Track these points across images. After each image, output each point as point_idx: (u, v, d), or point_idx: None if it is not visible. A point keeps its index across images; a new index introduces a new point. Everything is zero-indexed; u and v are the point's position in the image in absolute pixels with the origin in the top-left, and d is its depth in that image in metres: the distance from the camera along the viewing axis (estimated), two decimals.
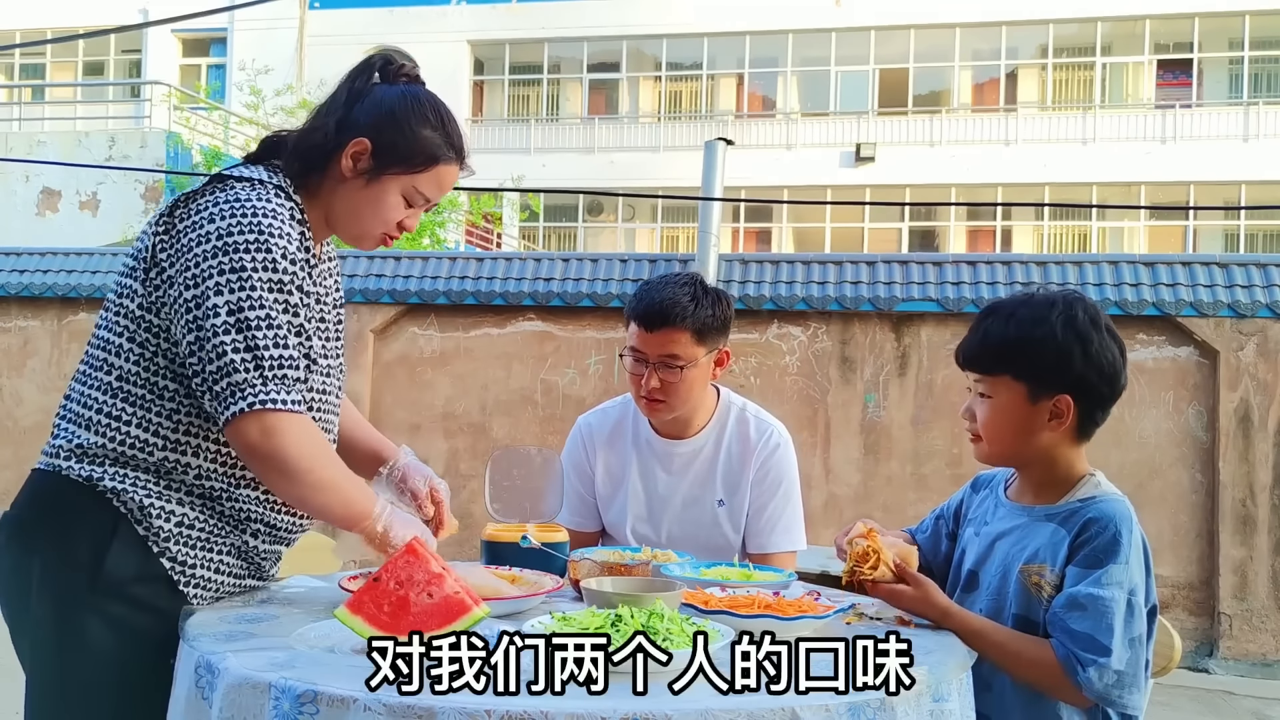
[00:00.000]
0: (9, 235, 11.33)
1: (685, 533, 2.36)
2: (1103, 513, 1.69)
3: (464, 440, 6.89)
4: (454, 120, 1.72)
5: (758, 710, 1.18)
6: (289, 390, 1.51)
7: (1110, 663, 1.59)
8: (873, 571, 1.72)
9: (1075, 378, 1.71)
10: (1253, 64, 18.32)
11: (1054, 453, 1.76)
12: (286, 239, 1.56)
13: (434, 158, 1.67)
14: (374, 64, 1.71)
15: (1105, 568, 1.64)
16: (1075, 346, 1.70)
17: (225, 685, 1.27)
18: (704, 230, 6.41)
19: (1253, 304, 6.03)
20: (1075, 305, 1.73)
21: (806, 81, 19.99)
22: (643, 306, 2.24)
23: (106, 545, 1.55)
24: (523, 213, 18.51)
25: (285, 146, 1.70)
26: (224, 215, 1.55)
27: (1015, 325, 1.73)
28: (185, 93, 16.24)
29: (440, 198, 1.73)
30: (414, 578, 1.40)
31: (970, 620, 1.68)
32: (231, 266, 1.51)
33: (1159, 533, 6.09)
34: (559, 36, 20.29)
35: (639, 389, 2.27)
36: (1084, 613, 1.62)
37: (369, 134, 1.64)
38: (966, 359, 1.80)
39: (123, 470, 1.58)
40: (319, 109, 1.71)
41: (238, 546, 1.66)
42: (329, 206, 1.69)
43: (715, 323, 2.25)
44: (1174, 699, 5.15)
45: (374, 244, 1.73)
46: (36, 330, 7.60)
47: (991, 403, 1.75)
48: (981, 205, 18.58)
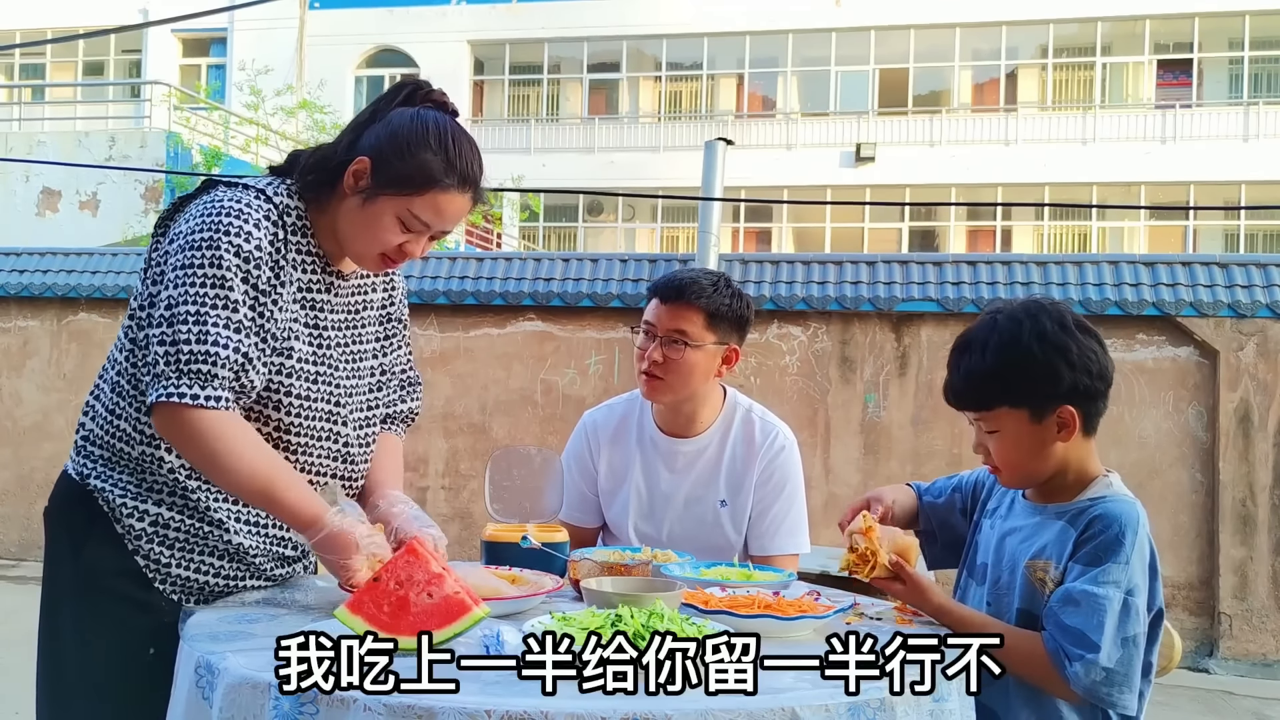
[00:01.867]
0: (9, 235, 11.33)
1: (686, 532, 2.37)
2: (1109, 512, 1.69)
3: (464, 440, 6.88)
4: (465, 148, 1.65)
5: (758, 710, 1.18)
6: (205, 385, 1.51)
7: (1098, 659, 1.59)
8: (871, 573, 1.74)
9: (1068, 387, 1.70)
10: (1253, 64, 18.32)
11: (1068, 458, 1.76)
12: (244, 237, 1.56)
13: (429, 182, 1.62)
14: (403, 88, 1.71)
15: (1104, 565, 1.64)
16: (1057, 359, 1.70)
17: (225, 685, 1.27)
18: (704, 230, 6.40)
19: (1253, 304, 6.03)
20: (1041, 317, 1.72)
21: (806, 81, 19.99)
22: (665, 280, 2.31)
23: (85, 540, 1.64)
24: (523, 213, 18.52)
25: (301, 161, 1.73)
26: (196, 215, 1.60)
27: (992, 356, 1.72)
28: (185, 93, 16.23)
29: (444, 226, 1.67)
30: (414, 578, 1.40)
31: (965, 615, 1.71)
32: (183, 264, 1.55)
33: (1159, 533, 6.07)
34: (559, 36, 20.28)
35: (641, 361, 2.30)
36: (1077, 608, 1.63)
37: (371, 153, 1.63)
38: (958, 400, 1.79)
39: (107, 469, 1.66)
40: (345, 127, 1.73)
41: (223, 548, 1.67)
42: (335, 223, 1.69)
43: (729, 313, 2.28)
44: (1174, 699, 5.15)
45: (375, 265, 1.69)
46: (36, 330, 7.59)
47: (999, 436, 1.75)
48: (981, 205, 18.58)
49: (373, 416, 1.81)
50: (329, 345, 1.72)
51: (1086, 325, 1.76)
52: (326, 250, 1.71)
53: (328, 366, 1.71)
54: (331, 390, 1.71)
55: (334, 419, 1.72)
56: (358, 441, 1.77)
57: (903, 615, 1.77)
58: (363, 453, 1.79)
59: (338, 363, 1.73)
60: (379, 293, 1.83)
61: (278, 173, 1.74)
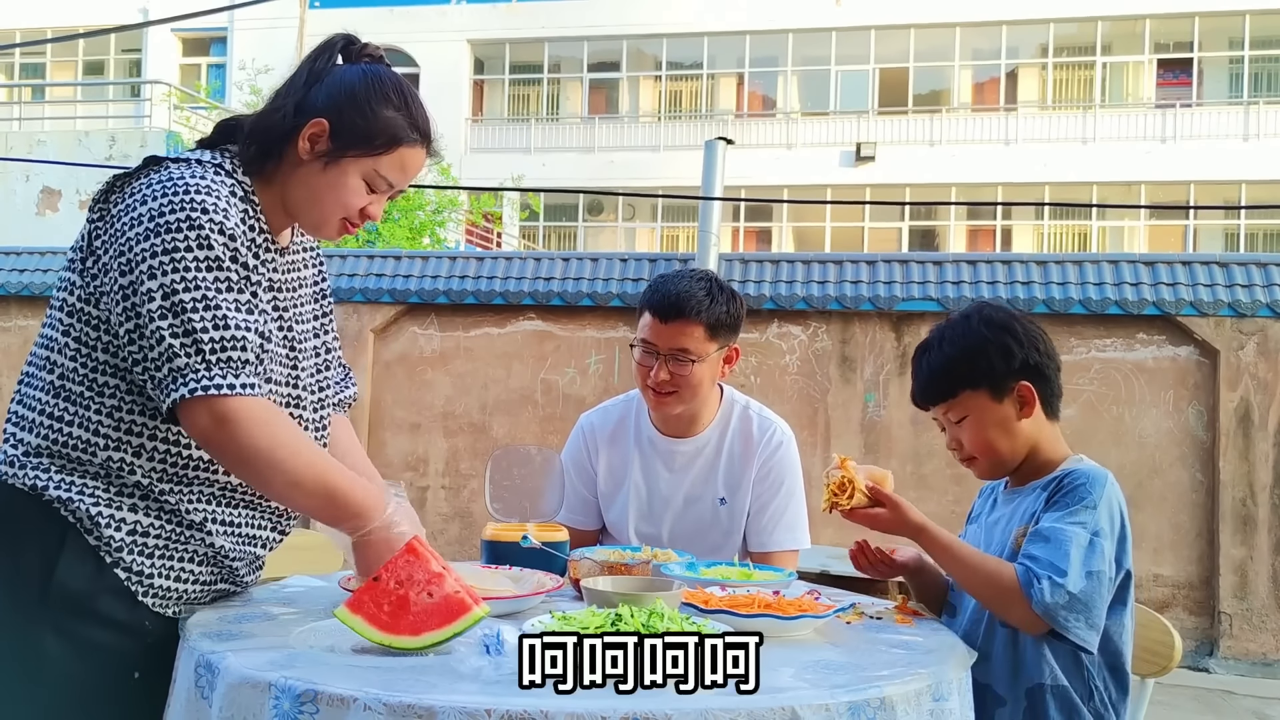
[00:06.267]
0: (9, 235, 11.33)
1: (686, 531, 2.36)
2: (1077, 471, 1.78)
3: (464, 440, 6.88)
4: (418, 101, 1.62)
5: (758, 710, 1.18)
6: (237, 373, 1.42)
7: (1065, 583, 1.63)
8: (850, 501, 1.78)
9: (1021, 362, 1.82)
10: (1253, 63, 18.31)
11: (1037, 440, 1.85)
12: (223, 215, 1.46)
13: (396, 139, 1.57)
14: (335, 44, 1.63)
15: (1071, 508, 1.71)
16: (1005, 337, 1.83)
17: (225, 685, 1.27)
18: (704, 230, 6.40)
19: (1253, 303, 6.03)
20: (985, 308, 1.90)
21: (806, 81, 19.99)
22: (658, 297, 2.24)
23: (55, 558, 1.47)
24: (523, 212, 18.53)
25: (241, 130, 1.61)
26: (155, 195, 1.46)
27: (949, 346, 1.86)
28: (185, 92, 16.24)
29: (405, 183, 1.62)
30: (414, 577, 1.40)
31: (941, 536, 1.76)
32: (164, 248, 1.42)
33: (1159, 532, 6.09)
34: (559, 36, 20.28)
35: (646, 380, 2.27)
36: (1046, 543, 1.68)
37: (328, 114, 1.55)
38: (924, 397, 1.90)
39: (69, 478, 1.50)
40: (278, 91, 1.62)
41: (203, 552, 1.56)
42: (286, 192, 1.59)
43: (728, 319, 2.26)
44: (1174, 699, 5.15)
45: (335, 232, 1.62)
46: (36, 330, 7.59)
47: (967, 421, 1.85)
48: (981, 205, 18.58)
49: (325, 398, 1.73)
50: (288, 325, 1.64)
51: (1030, 316, 1.92)
52: (270, 224, 1.60)
53: (289, 348, 1.63)
54: (290, 372, 1.62)
55: (297, 403, 1.64)
56: (314, 424, 1.69)
57: (903, 615, 1.77)
58: (319, 436, 1.71)
59: (296, 343, 1.65)
60: (311, 268, 1.74)
61: (209, 144, 1.62)
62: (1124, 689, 1.78)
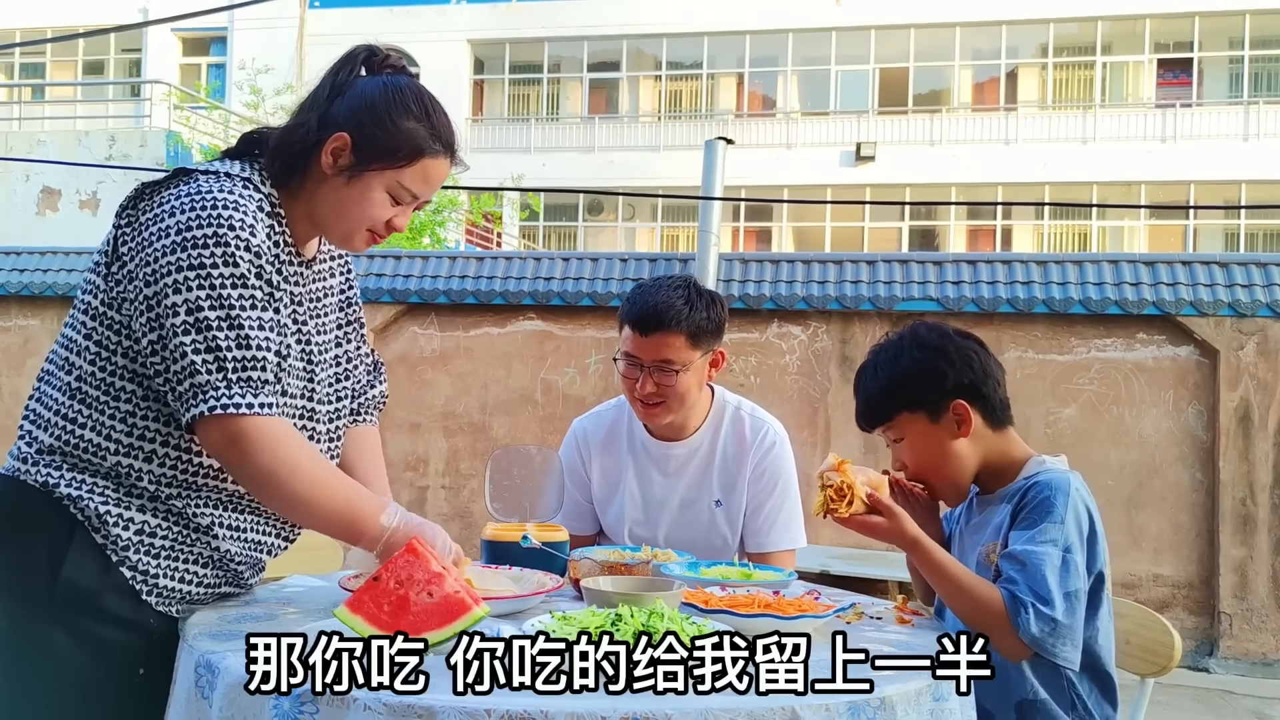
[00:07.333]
0: (9, 235, 11.34)
1: (683, 534, 2.36)
2: (1039, 482, 1.78)
3: (464, 440, 6.88)
4: (441, 111, 1.61)
5: (758, 710, 1.18)
6: (256, 393, 1.43)
7: (1050, 611, 1.64)
8: (849, 508, 1.75)
9: (954, 383, 1.83)
10: (1253, 63, 18.31)
11: (985, 452, 1.86)
12: (250, 231, 1.47)
13: (418, 150, 1.57)
14: (358, 56, 1.62)
15: (1039, 526, 1.71)
16: (935, 359, 1.85)
17: (225, 685, 1.27)
18: (704, 229, 6.40)
19: (1253, 303, 6.03)
20: (918, 329, 1.91)
21: (806, 81, 19.99)
22: (636, 310, 2.22)
23: (63, 554, 1.49)
24: (523, 212, 18.52)
25: (266, 145, 1.62)
26: (184, 209, 1.46)
27: (883, 370, 1.89)
28: (185, 92, 16.23)
29: (430, 194, 1.63)
30: (414, 577, 1.40)
31: (934, 553, 1.76)
32: (190, 263, 1.43)
33: (1159, 532, 6.09)
34: (559, 36, 20.28)
35: (633, 393, 2.27)
36: (1022, 567, 1.68)
37: (349, 128, 1.55)
38: (865, 419, 1.93)
39: (80, 476, 1.52)
40: (301, 105, 1.62)
41: (208, 555, 1.58)
42: (312, 206, 1.60)
43: (710, 325, 2.23)
44: (1174, 699, 5.15)
45: (363, 244, 1.63)
46: (36, 330, 7.59)
47: (906, 441, 1.89)
48: (981, 205, 18.58)
49: (341, 409, 1.73)
50: (308, 338, 1.64)
51: (967, 333, 1.92)
52: (295, 236, 1.62)
53: (307, 360, 1.64)
54: (305, 384, 1.63)
55: (310, 415, 1.65)
56: (327, 436, 1.70)
57: (903, 615, 1.77)
58: (331, 447, 1.72)
59: (314, 356, 1.65)
60: (338, 277, 1.74)
61: (234, 155, 1.62)
62: (1109, 688, 1.78)
